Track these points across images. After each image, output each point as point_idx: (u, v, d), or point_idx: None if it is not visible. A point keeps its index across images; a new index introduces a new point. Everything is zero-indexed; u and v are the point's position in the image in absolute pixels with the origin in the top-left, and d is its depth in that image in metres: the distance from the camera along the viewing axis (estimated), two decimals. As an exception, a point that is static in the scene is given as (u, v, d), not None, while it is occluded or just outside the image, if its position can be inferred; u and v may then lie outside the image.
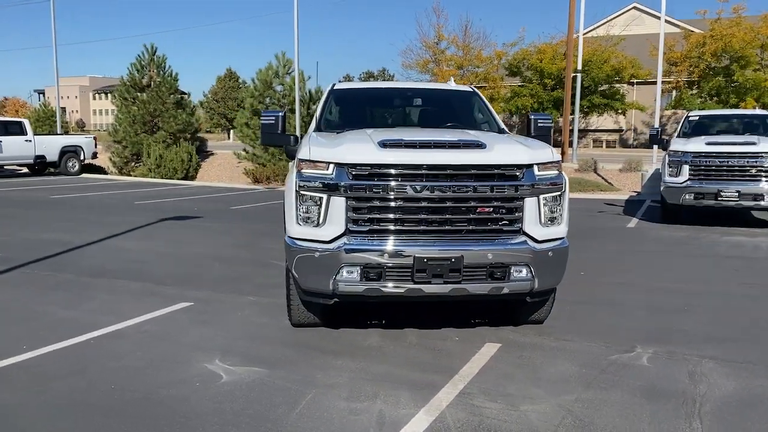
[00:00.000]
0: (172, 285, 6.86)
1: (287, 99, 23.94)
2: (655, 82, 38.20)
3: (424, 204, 4.51)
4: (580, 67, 25.75)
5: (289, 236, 4.80)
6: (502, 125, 6.25)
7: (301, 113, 21.84)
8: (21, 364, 4.55)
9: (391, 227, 4.55)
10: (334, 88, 6.52)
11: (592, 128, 41.36)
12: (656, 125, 19.01)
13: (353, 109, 6.44)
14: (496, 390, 4.11)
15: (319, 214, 4.60)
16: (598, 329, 5.36)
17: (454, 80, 8.56)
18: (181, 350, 4.84)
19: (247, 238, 10.16)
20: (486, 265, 4.52)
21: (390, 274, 4.52)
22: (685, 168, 10.92)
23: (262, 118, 6.17)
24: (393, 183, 4.46)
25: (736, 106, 32.73)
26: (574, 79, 25.38)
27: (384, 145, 4.59)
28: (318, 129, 5.90)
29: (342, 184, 4.48)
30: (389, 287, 4.55)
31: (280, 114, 6.05)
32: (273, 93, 24.13)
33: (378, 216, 4.53)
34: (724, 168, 10.69)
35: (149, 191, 18.67)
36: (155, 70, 27.50)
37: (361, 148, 4.60)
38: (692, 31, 40.95)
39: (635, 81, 37.26)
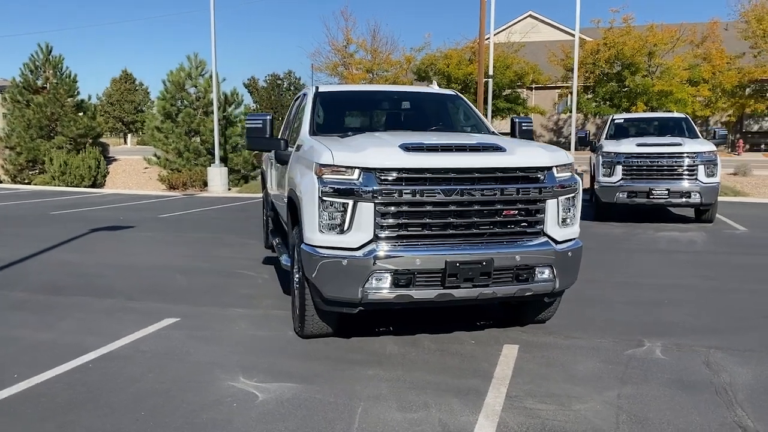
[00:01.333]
0: (144, 300, 6.45)
1: (202, 101, 23.14)
2: (553, 87, 40.22)
3: (452, 207, 4.49)
4: (491, 73, 26.56)
5: (308, 244, 4.63)
6: (492, 127, 6.34)
7: (218, 116, 21.16)
8: (23, 395, 4.11)
9: (421, 232, 4.50)
10: (320, 91, 6.35)
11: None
12: (573, 129, 19.94)
13: (343, 113, 6.32)
14: (539, 391, 4.14)
15: (344, 220, 4.47)
16: (597, 326, 5.53)
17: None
18: (196, 369, 4.54)
19: (196, 247, 9.70)
20: (513, 267, 4.56)
21: (420, 279, 4.46)
22: (618, 168, 11.53)
23: (247, 121, 5.94)
24: (423, 187, 4.41)
25: (627, 110, 34.97)
26: (486, 83, 26.16)
27: (407, 148, 4.53)
28: (313, 133, 5.72)
29: (370, 189, 4.37)
30: (420, 293, 4.49)
31: (268, 117, 5.85)
32: (186, 95, 23.23)
33: (407, 221, 4.46)
34: (655, 168, 11.38)
35: (61, 200, 17.47)
36: (51, 71, 25.78)
37: (386, 152, 4.51)
38: (585, 39, 43.31)
39: (534, 86, 38.97)
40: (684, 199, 11.25)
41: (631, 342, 5.08)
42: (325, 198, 4.47)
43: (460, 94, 6.85)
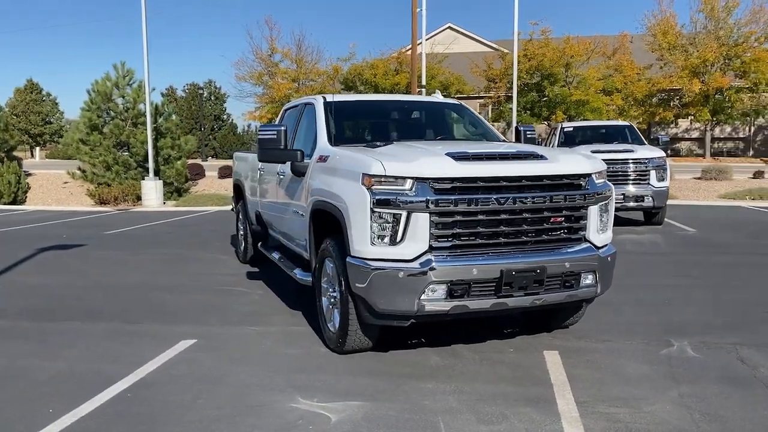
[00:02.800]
0: (144, 322, 6.09)
1: (131, 112, 22.16)
2: (475, 97, 41.23)
3: (503, 216, 4.49)
4: (424, 82, 26.94)
5: (358, 257, 4.50)
6: (502, 136, 6.42)
7: (152, 127, 20.33)
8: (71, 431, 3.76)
9: (474, 241, 4.48)
10: (329, 101, 6.20)
11: (420, 140, 43.43)
12: (513, 137, 20.41)
13: (356, 122, 6.21)
14: (604, 395, 4.20)
15: (397, 231, 4.38)
16: (619, 328, 5.66)
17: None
18: (246, 392, 4.31)
19: (166, 265, 9.24)
20: (562, 274, 4.61)
21: (475, 289, 4.43)
22: (576, 175, 11.91)
23: (260, 132, 5.75)
24: (477, 196, 4.39)
25: (548, 119, 36.42)
26: (420, 93, 26.50)
27: (457, 157, 4.50)
28: (333, 143, 5.58)
29: (425, 199, 4.31)
30: (475, 303, 4.46)
31: (282, 128, 5.67)
32: (114, 106, 22.19)
33: (461, 230, 4.43)
34: (610, 173, 11.78)
35: (-15, 218, 16.21)
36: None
37: (437, 161, 4.46)
38: (500, 50, 44.78)
39: (458, 96, 39.83)
40: (638, 203, 11.78)
41: (660, 342, 5.25)
42: (377, 209, 4.37)
43: (463, 104, 6.89)
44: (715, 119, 36.61)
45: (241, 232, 9.12)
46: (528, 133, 6.59)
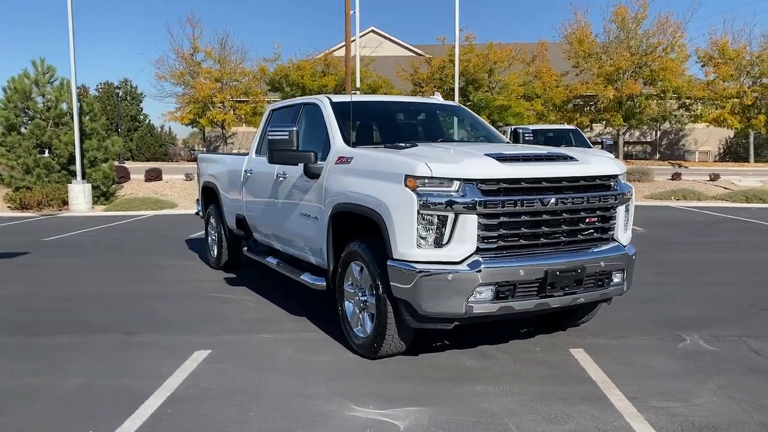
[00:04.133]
0: (145, 333, 5.76)
1: (52, 112, 20.88)
2: (401, 100, 41.51)
3: (544, 217, 4.55)
4: (358, 84, 26.93)
5: (403, 260, 4.43)
6: (504, 137, 6.50)
7: (79, 127, 19.25)
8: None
9: (518, 242, 4.50)
10: (337, 101, 6.07)
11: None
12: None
13: (366, 124, 6.09)
14: (650, 390, 4.31)
15: (444, 233, 4.35)
16: (625, 324, 5.84)
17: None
18: (294, 402, 4.15)
19: (132, 272, 8.74)
20: (598, 272, 4.72)
21: (520, 290, 4.46)
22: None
23: (270, 133, 5.55)
24: (522, 197, 4.43)
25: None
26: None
27: (500, 159, 4.52)
28: (351, 144, 5.47)
29: (474, 201, 4.29)
30: (520, 304, 4.49)
31: (294, 129, 5.51)
32: (34, 104, 20.83)
33: (506, 231, 4.45)
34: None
35: None
36: None
37: (482, 162, 4.46)
38: (423, 54, 45.46)
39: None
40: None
41: (672, 337, 5.46)
42: (423, 212, 4.31)
43: (463, 106, 6.93)
44: (627, 124, 38.63)
45: (214, 237, 8.78)
46: (526, 135, 6.72)
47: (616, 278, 4.88)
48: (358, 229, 5.16)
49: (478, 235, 4.36)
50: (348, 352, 5.13)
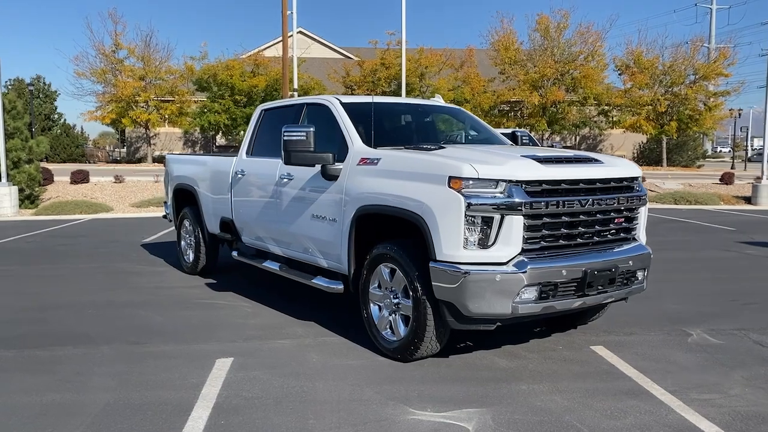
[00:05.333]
0: (152, 343, 5.48)
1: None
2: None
3: (581, 217, 4.66)
4: (296, 85, 26.66)
5: (446, 261, 4.42)
6: (506, 139, 6.61)
7: (3, 126, 18.06)
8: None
9: (557, 243, 4.59)
10: (347, 102, 5.98)
11: (275, 145, 42.76)
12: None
13: (378, 125, 5.98)
14: (684, 383, 4.49)
15: (490, 234, 4.38)
16: (629, 321, 6.05)
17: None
18: (350, 407, 4.06)
19: (103, 279, 8.26)
20: (626, 271, 4.88)
21: (561, 290, 4.55)
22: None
23: (286, 134, 5.42)
24: (563, 198, 4.52)
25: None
26: (292, 97, 26.18)
27: (541, 160, 4.60)
28: (372, 146, 5.41)
29: (521, 202, 4.35)
30: (561, 303, 4.58)
31: (312, 129, 5.41)
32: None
33: (548, 232, 4.53)
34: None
35: None
36: None
37: (526, 164, 4.53)
38: (350, 57, 45.55)
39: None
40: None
41: (678, 332, 5.72)
42: (470, 213, 4.33)
43: (463, 109, 6.99)
44: (550, 129, 40.07)
45: (189, 242, 8.46)
46: (524, 138, 6.86)
47: (639, 276, 5.06)
48: (387, 231, 5.12)
49: (523, 235, 4.41)
50: (376, 355, 5.07)
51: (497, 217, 4.35)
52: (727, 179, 23.94)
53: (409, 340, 4.78)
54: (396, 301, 4.94)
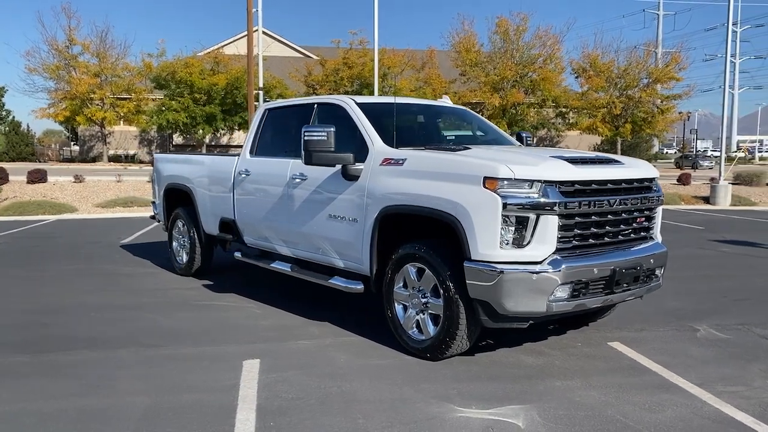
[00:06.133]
0: (168, 345, 5.39)
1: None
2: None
3: (609, 217, 4.79)
4: (261, 84, 26.38)
5: (482, 261, 4.47)
6: (514, 139, 6.71)
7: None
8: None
9: (589, 242, 4.70)
10: (361, 102, 5.98)
11: (234, 143, 42.21)
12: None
13: (394, 126, 6.00)
14: (707, 376, 4.65)
15: (525, 234, 4.46)
16: (635, 317, 6.20)
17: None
18: (395, 406, 4.07)
19: (94, 280, 8.04)
20: (648, 269, 5.03)
21: (591, 288, 4.66)
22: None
23: (306, 134, 5.39)
24: (594, 198, 4.64)
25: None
26: (257, 95, 25.90)
27: (572, 161, 4.70)
28: (394, 146, 5.43)
29: (556, 202, 4.44)
30: (591, 301, 4.69)
31: (332, 129, 5.39)
32: None
33: (580, 231, 4.63)
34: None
35: None
36: None
37: (559, 165, 4.61)
38: (310, 56, 45.35)
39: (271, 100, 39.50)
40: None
41: (685, 328, 5.91)
42: (507, 213, 4.39)
43: (469, 110, 7.06)
44: (510, 130, 40.67)
45: (183, 242, 8.30)
46: (528, 139, 6.98)
47: (658, 274, 5.22)
48: (412, 231, 5.14)
49: (557, 235, 4.50)
50: (401, 354, 5.09)
51: (533, 216, 4.42)
52: (684, 180, 24.78)
53: (440, 339, 4.81)
54: (424, 300, 4.96)
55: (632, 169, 5.06)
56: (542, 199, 4.41)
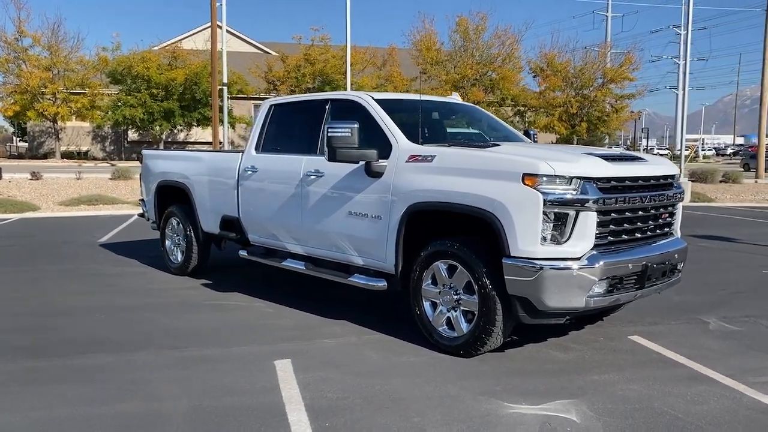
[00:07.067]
0: (189, 347, 5.26)
1: None
2: (250, 98, 40.59)
3: (640, 213, 4.87)
4: (225, 80, 25.96)
5: (522, 257, 4.49)
6: (524, 136, 6.76)
7: None
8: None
9: (622, 237, 4.78)
10: (380, 99, 5.92)
11: (192, 140, 41.38)
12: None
13: (412, 122, 5.96)
14: (734, 368, 4.76)
15: (565, 230, 4.50)
16: (644, 311, 6.32)
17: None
18: (449, 403, 4.05)
19: (78, 281, 7.77)
20: (672, 263, 5.14)
21: (625, 282, 4.74)
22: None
23: (330, 130, 5.32)
24: (629, 194, 4.72)
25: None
26: (221, 91, 25.48)
27: (607, 158, 4.77)
28: (418, 142, 5.40)
29: (595, 198, 4.49)
30: (624, 296, 4.77)
31: (355, 125, 5.33)
32: None
33: (615, 227, 4.69)
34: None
35: None
36: None
37: (596, 162, 4.67)
38: (269, 52, 44.87)
39: (231, 96, 38.76)
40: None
41: (697, 321, 6.06)
42: (548, 209, 4.42)
43: (478, 107, 7.07)
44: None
45: (178, 241, 8.09)
46: (534, 137, 7.05)
47: (679, 268, 5.34)
48: (442, 227, 5.13)
49: (595, 231, 4.55)
50: (431, 351, 5.07)
51: (572, 213, 4.47)
52: (643, 177, 25.42)
53: (475, 335, 4.81)
54: (456, 297, 4.95)
55: (657, 166, 5.16)
56: (581, 196, 4.46)
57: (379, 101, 5.89)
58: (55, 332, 5.61)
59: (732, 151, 75.07)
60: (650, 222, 5.00)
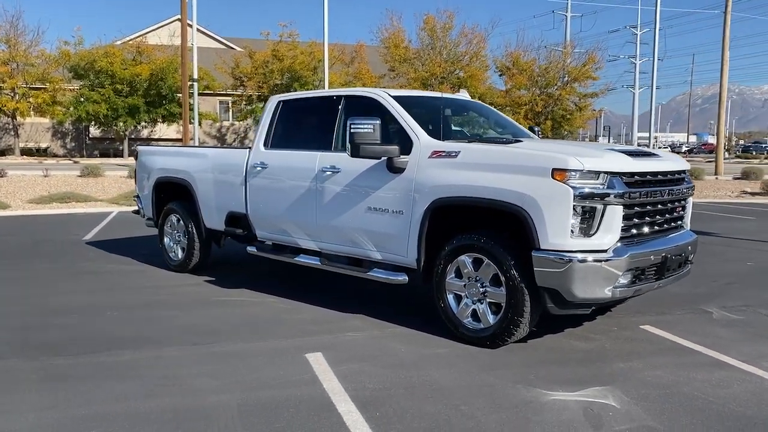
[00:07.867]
0: (217, 342, 5.26)
1: None
2: (215, 95, 40.07)
3: (659, 207, 5.07)
4: (195, 76, 25.60)
5: (552, 250, 4.63)
6: (531, 132, 6.91)
7: None
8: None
9: (644, 230, 4.95)
10: (396, 95, 5.99)
11: (156, 137, 40.62)
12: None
13: (426, 118, 6.03)
14: (748, 354, 4.97)
15: (593, 223, 4.65)
16: (648, 302, 6.51)
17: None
18: (491, 392, 4.16)
19: (75, 279, 7.67)
20: (686, 255, 5.35)
21: (647, 273, 4.92)
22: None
23: (352, 126, 5.37)
24: (651, 189, 4.90)
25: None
26: (191, 87, 25.13)
27: (629, 154, 4.94)
28: (439, 138, 5.49)
29: (621, 192, 4.65)
30: (646, 286, 4.96)
31: (378, 121, 5.39)
32: None
33: (638, 221, 4.87)
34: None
35: None
36: None
37: (621, 158, 4.84)
38: (233, 48, 44.40)
39: (207, 93, 38.24)
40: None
41: (700, 311, 6.30)
42: (578, 203, 4.57)
43: (484, 104, 7.19)
44: (437, 126, 41.28)
45: (178, 238, 8.01)
46: (538, 133, 7.21)
47: (691, 260, 5.56)
48: (466, 221, 5.24)
49: (621, 224, 4.72)
50: (456, 343, 5.17)
51: (600, 207, 4.62)
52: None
53: (503, 326, 4.93)
54: (482, 290, 5.06)
55: (671, 162, 5.36)
56: (609, 190, 4.61)
57: (396, 98, 5.95)
58: (69, 330, 5.53)
59: (687, 148, 77.22)
60: (667, 215, 5.20)
